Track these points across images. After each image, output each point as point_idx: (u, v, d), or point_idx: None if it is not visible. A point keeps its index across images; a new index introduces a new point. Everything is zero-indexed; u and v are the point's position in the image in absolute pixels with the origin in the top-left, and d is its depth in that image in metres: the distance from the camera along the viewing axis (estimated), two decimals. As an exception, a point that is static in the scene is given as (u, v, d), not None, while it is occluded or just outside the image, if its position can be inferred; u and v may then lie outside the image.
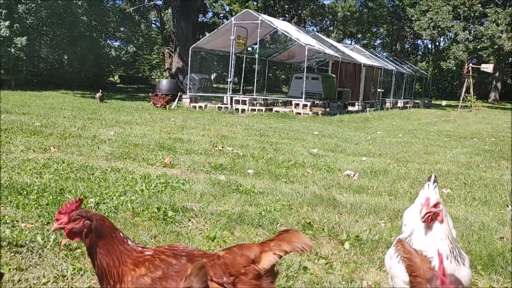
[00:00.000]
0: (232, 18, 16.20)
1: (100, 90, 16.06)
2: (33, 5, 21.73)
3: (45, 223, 2.86)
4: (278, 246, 1.50)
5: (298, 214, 3.36)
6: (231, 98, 15.85)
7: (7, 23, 19.78)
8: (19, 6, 21.42)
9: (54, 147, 5.60)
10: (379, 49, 51.60)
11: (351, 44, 43.41)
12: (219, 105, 15.83)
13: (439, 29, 32.72)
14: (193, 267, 1.33)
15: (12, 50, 20.17)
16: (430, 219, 1.86)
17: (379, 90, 23.19)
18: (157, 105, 14.39)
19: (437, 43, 48.52)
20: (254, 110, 14.94)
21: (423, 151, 7.64)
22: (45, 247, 2.48)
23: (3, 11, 20.11)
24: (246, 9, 18.00)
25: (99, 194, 3.55)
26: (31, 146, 5.61)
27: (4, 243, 2.48)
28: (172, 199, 3.55)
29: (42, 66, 25.09)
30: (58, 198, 3.39)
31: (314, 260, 2.56)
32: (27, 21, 22.10)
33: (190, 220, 3.10)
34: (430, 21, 32.37)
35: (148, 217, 3.08)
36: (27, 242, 2.51)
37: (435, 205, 1.86)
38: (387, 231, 3.06)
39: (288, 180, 4.58)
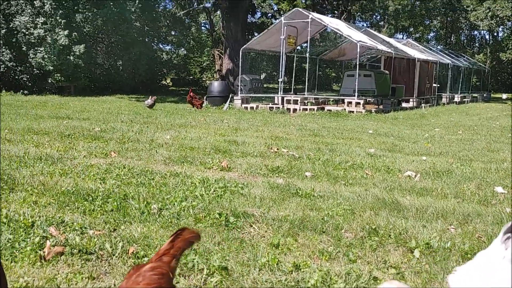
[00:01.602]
0: (282, 18, 16.14)
1: (153, 97, 14.39)
2: (89, 14, 22.63)
3: (112, 230, 2.92)
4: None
5: (362, 219, 3.26)
6: (282, 98, 15.80)
7: (66, 32, 20.69)
8: (76, 15, 22.37)
9: (114, 152, 5.76)
10: (433, 42, 49.90)
11: (403, 38, 42.24)
12: (270, 105, 15.82)
13: (498, 18, 31.22)
14: None
15: (71, 58, 21.08)
16: None
17: (434, 85, 22.41)
18: (197, 106, 14.52)
19: (495, 34, 46.29)
20: (306, 109, 14.82)
21: (486, 149, 7.27)
22: (113, 255, 2.53)
23: (63, 21, 21.04)
24: (295, 8, 17.88)
25: (160, 199, 3.60)
26: (93, 151, 5.80)
27: (75, 250, 2.54)
28: (232, 204, 3.53)
29: (99, 72, 26.10)
30: (122, 204, 3.46)
31: (384, 269, 2.46)
32: (84, 30, 23.03)
33: (251, 226, 3.08)
34: (487, 10, 30.92)
35: (210, 223, 3.08)
36: (96, 249, 2.57)
37: None
38: (459, 238, 2.90)
39: (347, 183, 4.47)
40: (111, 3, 24.02)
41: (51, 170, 4.59)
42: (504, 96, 32.10)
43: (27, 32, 20.93)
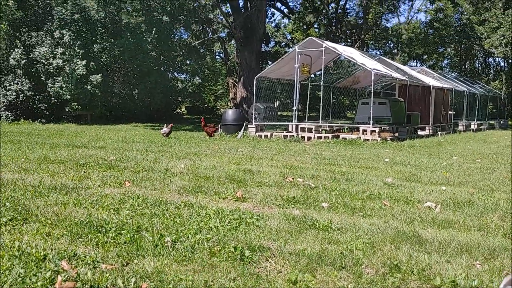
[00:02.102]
0: (296, 47, 16.27)
1: (169, 125, 14.16)
2: (107, 44, 23.10)
3: (125, 264, 2.85)
4: None
5: (382, 253, 3.14)
6: (297, 126, 15.76)
7: (84, 62, 21.12)
8: (94, 45, 22.85)
9: (129, 182, 5.73)
10: (447, 69, 49.83)
11: (416, 66, 42.28)
12: (285, 133, 15.79)
13: (512, 45, 31.09)
14: None
15: (89, 87, 21.44)
16: None
17: (450, 112, 22.24)
18: (210, 134, 14.54)
19: (510, 60, 46.09)
20: (321, 137, 14.75)
21: (507, 178, 7.08)
22: (125, 291, 2.45)
23: (81, 51, 21.50)
24: (309, 37, 18.03)
25: (174, 231, 3.52)
26: (107, 181, 5.77)
27: (87, 286, 2.47)
28: (248, 236, 3.44)
29: (115, 101, 26.48)
30: (135, 236, 3.39)
31: (408, 309, 2.33)
32: (102, 59, 23.49)
33: (268, 260, 2.98)
34: (502, 38, 30.83)
35: (226, 257, 2.99)
36: (108, 285, 2.49)
37: None
38: (486, 275, 2.76)
39: (365, 214, 4.36)
40: (128, 34, 24.54)
41: (65, 200, 4.56)
42: (522, 123, 31.68)
43: (46, 62, 21.42)
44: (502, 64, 49.23)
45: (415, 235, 3.60)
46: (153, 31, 25.04)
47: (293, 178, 6.29)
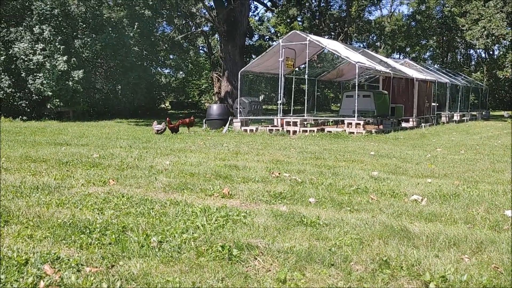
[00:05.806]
0: (280, 40, 16.21)
1: (162, 122, 14.00)
2: (88, 40, 22.73)
3: (110, 266, 2.78)
4: None
5: (371, 249, 3.12)
6: (282, 120, 15.74)
7: (65, 58, 20.77)
8: (75, 41, 22.47)
9: (113, 180, 5.63)
10: (429, 61, 50.28)
11: (399, 58, 42.56)
12: (270, 127, 15.75)
13: (493, 37, 31.43)
14: None
15: (70, 83, 21.10)
16: None
17: (433, 104, 22.44)
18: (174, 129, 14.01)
19: (491, 52, 46.66)
20: (306, 131, 14.74)
21: (491, 169, 7.15)
22: (111, 295, 2.38)
23: (61, 46, 21.12)
24: (293, 30, 17.98)
25: (160, 231, 3.46)
26: (91, 179, 5.67)
27: (71, 291, 2.41)
28: (235, 234, 3.40)
29: (98, 97, 26.11)
30: (121, 236, 3.33)
31: (398, 306, 2.32)
32: (83, 55, 23.11)
33: (256, 259, 2.94)
34: (483, 29, 31.13)
35: (213, 257, 2.94)
36: (93, 289, 2.43)
37: None
38: (475, 269, 2.76)
39: (352, 209, 4.34)
40: (110, 29, 24.19)
41: (47, 200, 4.46)
42: (506, 113, 32.09)
43: (26, 59, 21.00)
44: (483, 55, 49.85)
45: (403, 229, 3.60)
46: (135, 26, 24.72)
47: (279, 173, 6.26)
